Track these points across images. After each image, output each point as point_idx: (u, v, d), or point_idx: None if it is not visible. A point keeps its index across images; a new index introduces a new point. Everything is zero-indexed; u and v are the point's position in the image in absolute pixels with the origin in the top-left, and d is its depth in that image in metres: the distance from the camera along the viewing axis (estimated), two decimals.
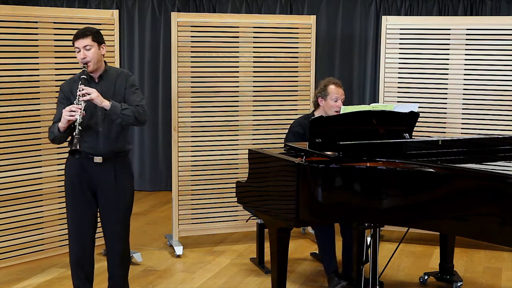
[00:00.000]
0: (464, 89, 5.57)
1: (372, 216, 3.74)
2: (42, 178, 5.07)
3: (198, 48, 5.42)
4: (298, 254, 5.40)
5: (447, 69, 5.60)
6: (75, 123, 3.68)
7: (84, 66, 3.82)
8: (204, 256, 5.32)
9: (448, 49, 5.58)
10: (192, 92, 5.43)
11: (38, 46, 4.97)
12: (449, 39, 5.58)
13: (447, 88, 5.61)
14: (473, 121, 5.55)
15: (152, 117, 7.47)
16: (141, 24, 7.55)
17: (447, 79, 5.60)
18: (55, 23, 5.03)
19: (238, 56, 5.55)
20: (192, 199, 5.54)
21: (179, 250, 5.29)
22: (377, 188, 3.67)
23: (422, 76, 5.66)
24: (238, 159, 5.59)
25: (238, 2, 7.33)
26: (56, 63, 5.05)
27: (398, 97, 5.69)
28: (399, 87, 5.71)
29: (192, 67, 5.41)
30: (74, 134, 3.66)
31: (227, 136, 5.58)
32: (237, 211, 5.61)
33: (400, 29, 5.68)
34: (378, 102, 5.71)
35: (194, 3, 7.46)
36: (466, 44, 5.53)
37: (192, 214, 5.55)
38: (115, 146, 3.92)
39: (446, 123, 5.62)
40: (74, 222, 3.96)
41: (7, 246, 4.96)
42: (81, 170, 3.91)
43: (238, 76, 5.57)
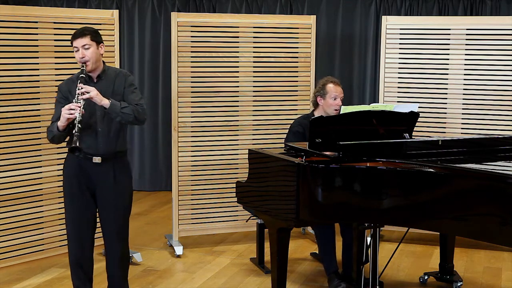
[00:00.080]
0: (464, 89, 5.57)
1: (372, 216, 3.74)
2: (42, 178, 5.07)
3: (198, 48, 5.42)
4: (298, 254, 5.40)
5: (447, 69, 5.60)
6: (74, 121, 3.67)
7: (82, 66, 3.82)
8: (204, 256, 5.32)
9: (448, 49, 5.58)
10: (192, 92, 5.43)
11: (38, 46, 4.97)
12: (449, 39, 5.58)
13: (447, 88, 5.61)
14: (473, 121, 5.54)
15: (152, 117, 7.47)
16: (141, 24, 7.55)
17: (447, 79, 5.60)
18: (55, 23, 5.03)
19: (238, 56, 5.55)
20: (192, 199, 5.54)
21: (179, 250, 5.29)
22: (377, 188, 3.67)
23: (422, 76, 5.66)
24: (238, 159, 5.59)
25: (238, 2, 7.33)
26: (56, 63, 5.05)
27: (398, 97, 5.69)
28: (399, 87, 5.71)
29: (192, 67, 5.41)
30: (74, 132, 3.65)
31: (227, 136, 5.58)
32: (237, 211, 5.61)
33: (400, 29, 5.68)
34: (378, 102, 5.71)
35: (194, 3, 7.45)
36: (466, 44, 5.53)
37: (192, 214, 5.55)
38: (114, 146, 3.91)
39: (446, 123, 5.62)
40: (73, 222, 3.96)
41: (7, 246, 4.95)
42: (79, 170, 3.90)
43: (238, 76, 5.57)
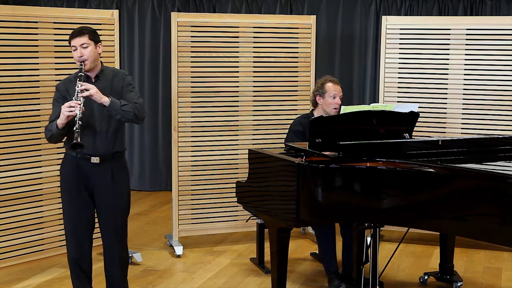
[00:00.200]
0: (464, 89, 5.57)
1: (372, 216, 3.74)
2: (42, 178, 5.07)
3: (198, 48, 5.42)
4: (298, 254, 5.40)
5: (447, 69, 5.60)
6: (74, 119, 3.66)
7: (81, 65, 3.81)
8: (204, 256, 5.32)
9: (448, 49, 5.58)
10: (192, 92, 5.43)
11: (38, 46, 4.98)
12: (449, 39, 5.58)
13: (447, 88, 5.61)
14: (473, 121, 5.54)
15: (152, 117, 7.46)
16: (141, 24, 7.55)
17: (447, 79, 5.60)
18: (55, 23, 5.04)
19: (238, 56, 5.55)
20: (192, 199, 5.54)
21: (179, 250, 5.29)
22: (377, 188, 3.67)
23: (422, 76, 5.66)
24: (238, 159, 5.59)
25: (238, 2, 7.32)
26: (56, 63, 5.06)
27: (398, 97, 5.69)
28: (399, 87, 5.71)
29: (192, 67, 5.41)
30: (75, 129, 3.63)
31: (227, 136, 5.58)
32: (237, 211, 5.61)
33: (400, 29, 5.68)
34: (378, 102, 5.71)
35: (194, 3, 7.45)
36: (466, 44, 5.53)
37: (192, 214, 5.55)
38: (112, 146, 3.90)
39: (446, 123, 5.62)
40: (71, 223, 3.94)
41: (7, 246, 4.96)
42: (77, 171, 3.89)
43: (238, 76, 5.57)
